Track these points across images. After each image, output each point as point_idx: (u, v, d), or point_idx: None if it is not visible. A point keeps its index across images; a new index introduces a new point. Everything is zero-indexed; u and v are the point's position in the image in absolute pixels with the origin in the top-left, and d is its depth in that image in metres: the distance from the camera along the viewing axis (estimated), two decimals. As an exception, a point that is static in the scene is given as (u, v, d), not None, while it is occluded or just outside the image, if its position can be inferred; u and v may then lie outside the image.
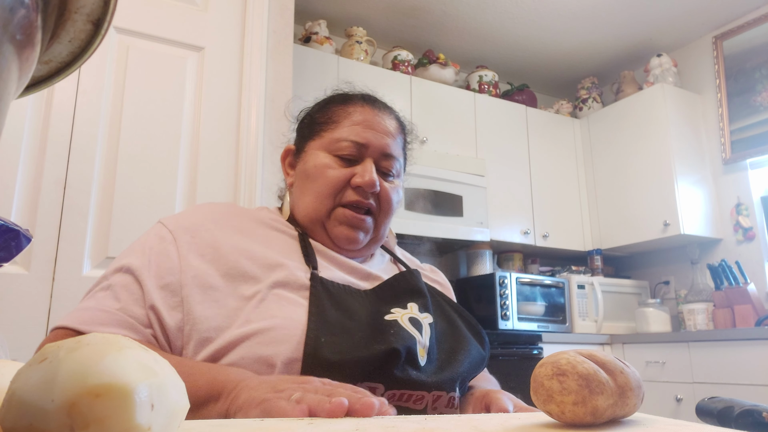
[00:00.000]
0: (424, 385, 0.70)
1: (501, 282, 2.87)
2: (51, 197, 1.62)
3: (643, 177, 3.17)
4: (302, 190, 0.86)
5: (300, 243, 0.82)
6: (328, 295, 0.74)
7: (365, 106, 0.88)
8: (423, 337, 0.74)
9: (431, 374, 0.72)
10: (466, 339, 0.82)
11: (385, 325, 0.72)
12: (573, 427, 0.42)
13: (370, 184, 0.82)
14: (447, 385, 0.73)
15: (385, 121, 0.87)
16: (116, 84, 1.77)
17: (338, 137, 0.84)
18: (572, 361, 0.41)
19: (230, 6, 1.98)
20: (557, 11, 3.08)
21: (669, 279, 3.36)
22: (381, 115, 0.88)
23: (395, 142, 0.88)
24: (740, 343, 2.40)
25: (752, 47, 3.07)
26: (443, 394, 0.73)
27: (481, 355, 0.83)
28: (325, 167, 0.83)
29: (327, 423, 0.44)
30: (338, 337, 0.68)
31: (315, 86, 2.62)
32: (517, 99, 3.53)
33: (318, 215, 0.83)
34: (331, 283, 0.76)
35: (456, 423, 0.44)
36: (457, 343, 0.80)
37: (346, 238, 0.83)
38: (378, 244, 0.90)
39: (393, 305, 0.77)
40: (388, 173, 0.87)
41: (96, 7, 0.40)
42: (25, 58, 0.34)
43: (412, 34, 3.32)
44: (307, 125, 0.91)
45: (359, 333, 0.71)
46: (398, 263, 0.95)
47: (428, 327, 0.77)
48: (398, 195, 0.88)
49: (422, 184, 2.84)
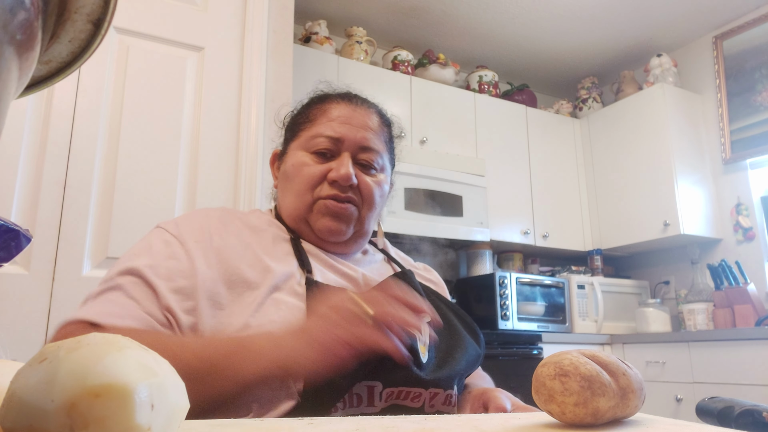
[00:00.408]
0: (422, 383, 0.70)
1: (501, 282, 2.87)
2: (51, 197, 1.62)
3: (643, 177, 3.17)
4: (284, 190, 0.87)
5: (293, 246, 0.82)
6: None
7: (342, 102, 0.88)
8: (423, 334, 0.75)
9: (429, 372, 0.73)
10: (463, 337, 0.82)
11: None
12: (573, 427, 0.42)
13: (345, 177, 0.81)
14: (444, 382, 0.73)
15: (363, 115, 0.87)
16: (116, 84, 1.77)
17: (314, 134, 0.84)
18: (575, 362, 0.41)
19: (230, 6, 1.98)
20: (557, 11, 3.08)
21: (669, 279, 3.36)
22: (358, 110, 0.87)
23: (376, 135, 0.87)
24: (740, 343, 2.40)
25: (752, 47, 3.07)
26: (440, 391, 0.73)
27: (477, 352, 0.83)
28: (302, 165, 0.84)
29: (327, 423, 0.44)
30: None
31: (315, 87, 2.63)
32: (517, 99, 3.53)
33: (299, 212, 0.84)
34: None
35: (456, 423, 0.44)
36: (454, 341, 0.81)
37: (329, 230, 0.82)
38: (365, 239, 0.89)
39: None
40: (368, 167, 0.86)
41: (96, 7, 0.40)
42: (25, 58, 0.34)
43: (412, 34, 3.32)
44: (289, 128, 0.92)
45: None
46: (392, 263, 0.94)
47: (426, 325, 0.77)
48: (382, 189, 0.87)
49: (422, 184, 2.84)
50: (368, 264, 0.90)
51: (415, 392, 0.70)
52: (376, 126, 0.88)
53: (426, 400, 0.71)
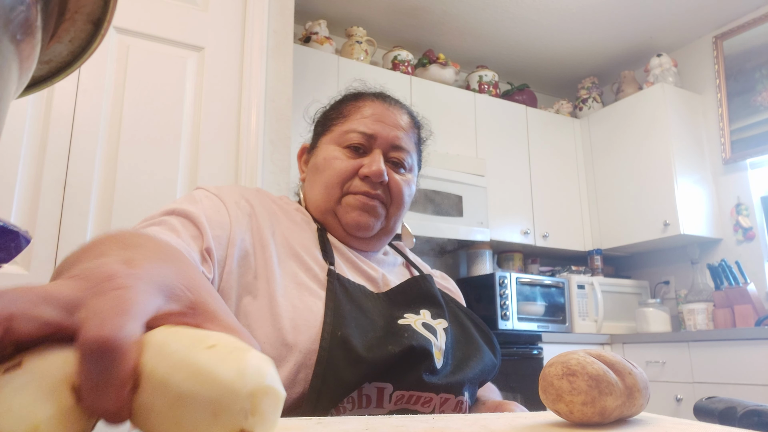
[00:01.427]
0: (433, 388, 0.70)
1: (501, 282, 2.87)
2: (51, 197, 1.62)
3: (643, 177, 3.17)
4: (312, 182, 0.87)
5: (318, 237, 0.82)
6: (345, 291, 0.74)
7: (376, 101, 0.89)
8: (438, 340, 0.74)
9: (442, 377, 0.72)
10: (480, 346, 0.82)
11: (399, 329, 0.72)
12: (581, 427, 0.42)
13: (377, 174, 0.81)
14: (455, 388, 0.73)
15: (395, 115, 0.88)
16: (116, 84, 1.77)
17: (347, 129, 0.85)
18: (582, 362, 0.41)
19: (230, 6, 1.98)
20: (557, 11, 3.08)
21: (669, 279, 3.36)
22: (392, 109, 0.88)
23: (407, 135, 0.88)
24: (740, 343, 2.40)
25: (752, 47, 3.07)
26: (451, 397, 0.72)
27: (492, 362, 0.83)
28: (334, 159, 0.84)
29: (336, 422, 0.44)
30: (353, 333, 0.68)
31: (315, 86, 2.63)
32: (517, 99, 3.53)
33: (328, 205, 0.84)
34: (347, 281, 0.76)
35: (464, 422, 0.44)
36: (470, 350, 0.80)
37: (357, 224, 0.83)
38: (389, 237, 0.90)
39: (406, 310, 0.77)
40: (399, 165, 0.87)
41: (96, 7, 0.40)
42: (25, 58, 0.34)
43: (412, 34, 3.32)
44: (320, 122, 0.92)
45: (373, 332, 0.71)
46: (411, 267, 0.95)
47: (443, 332, 0.77)
48: (410, 189, 0.89)
49: (422, 184, 2.82)
50: (389, 266, 0.90)
51: (426, 397, 0.70)
52: (407, 126, 0.89)
53: (436, 406, 0.71)
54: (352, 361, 0.66)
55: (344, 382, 0.65)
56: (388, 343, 0.69)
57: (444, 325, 0.78)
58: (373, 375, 0.67)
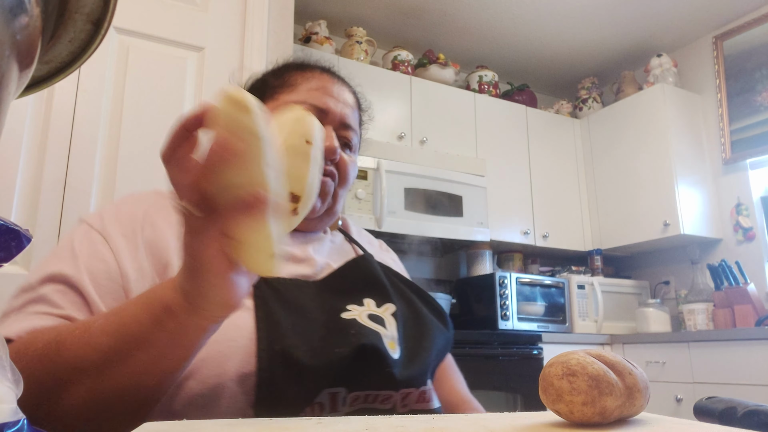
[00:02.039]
0: (392, 384, 0.65)
1: (501, 282, 2.87)
2: (51, 197, 1.62)
3: (643, 177, 3.17)
4: None
5: None
6: (276, 294, 0.66)
7: (324, 74, 0.83)
8: (388, 329, 0.70)
9: (400, 370, 0.67)
10: (430, 322, 0.77)
11: (344, 325, 0.67)
12: (581, 427, 0.42)
13: (331, 150, 0.75)
14: (416, 380, 0.69)
15: (343, 92, 0.82)
16: (116, 84, 1.77)
17: (296, 100, 0.77)
18: (582, 362, 0.41)
19: (230, 6, 1.98)
20: (557, 11, 3.08)
21: (669, 279, 3.36)
22: (340, 86, 0.83)
23: (353, 114, 0.83)
24: (740, 343, 2.40)
25: (752, 47, 3.07)
26: (413, 390, 0.69)
27: (445, 337, 0.79)
28: None
29: (336, 422, 0.44)
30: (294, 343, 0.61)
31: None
32: (517, 99, 3.53)
33: None
34: (277, 280, 0.68)
35: (465, 422, 0.44)
36: (420, 328, 0.76)
37: None
38: (332, 218, 0.83)
39: (348, 301, 0.71)
40: (347, 144, 0.81)
41: (96, 7, 0.40)
42: (25, 58, 0.34)
43: (412, 34, 3.32)
44: (258, 88, 0.84)
45: (316, 335, 0.64)
46: (352, 243, 0.88)
47: (392, 318, 0.72)
48: (356, 171, 0.83)
49: (422, 184, 2.84)
50: (328, 244, 0.84)
51: (384, 395, 0.65)
52: (353, 104, 0.84)
53: (398, 401, 0.67)
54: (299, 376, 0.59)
55: (293, 400, 0.59)
56: (335, 344, 0.63)
57: (392, 310, 0.73)
58: (324, 383, 0.61)
